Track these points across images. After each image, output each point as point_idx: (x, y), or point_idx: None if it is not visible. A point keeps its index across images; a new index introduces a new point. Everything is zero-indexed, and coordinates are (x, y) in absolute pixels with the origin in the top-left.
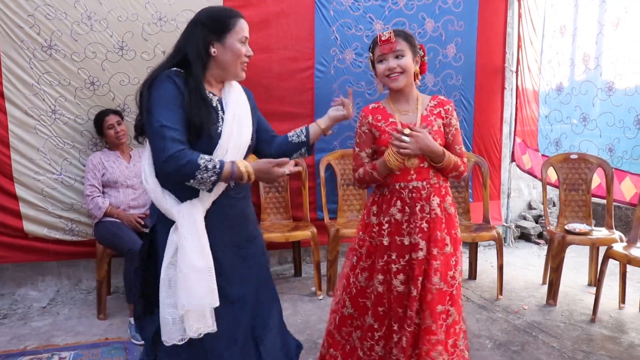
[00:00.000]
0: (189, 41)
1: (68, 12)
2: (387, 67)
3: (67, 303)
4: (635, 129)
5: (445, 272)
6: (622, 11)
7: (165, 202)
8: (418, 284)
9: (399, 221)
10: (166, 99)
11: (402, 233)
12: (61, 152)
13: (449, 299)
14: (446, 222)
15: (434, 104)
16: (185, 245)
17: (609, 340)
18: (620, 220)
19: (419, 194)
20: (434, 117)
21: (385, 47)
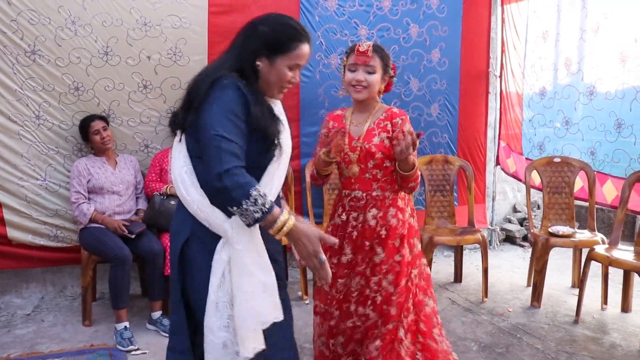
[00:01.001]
0: (245, 45)
1: (52, 17)
2: (355, 78)
3: (52, 310)
4: (615, 133)
5: (369, 278)
6: (602, 17)
7: (213, 217)
8: (337, 285)
9: (336, 225)
10: (229, 108)
11: (336, 237)
12: (45, 158)
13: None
14: (387, 232)
15: (383, 116)
16: (246, 263)
17: (591, 341)
18: (603, 222)
19: (357, 204)
20: (378, 131)
21: (360, 59)
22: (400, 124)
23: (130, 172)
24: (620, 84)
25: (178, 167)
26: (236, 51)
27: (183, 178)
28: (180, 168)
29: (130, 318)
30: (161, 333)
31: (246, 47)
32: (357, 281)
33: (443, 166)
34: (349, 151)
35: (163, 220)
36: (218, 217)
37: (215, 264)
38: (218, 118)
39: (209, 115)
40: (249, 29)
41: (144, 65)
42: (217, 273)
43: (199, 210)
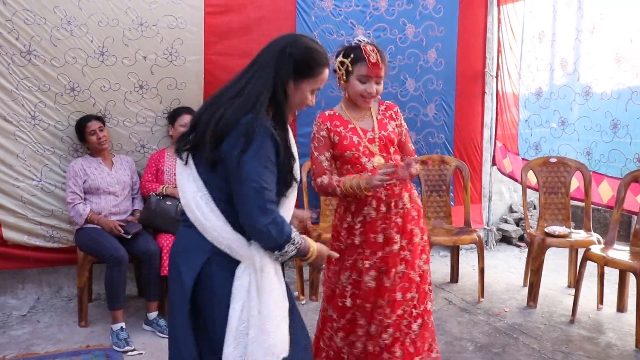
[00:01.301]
0: (277, 68)
1: (47, 17)
2: (369, 91)
3: (48, 311)
4: (611, 133)
5: (413, 262)
6: (598, 17)
7: (237, 242)
8: (391, 275)
9: (374, 219)
10: (268, 157)
11: (377, 230)
12: (41, 159)
13: (415, 286)
14: (417, 213)
15: (383, 108)
16: (274, 289)
17: (587, 340)
18: (599, 222)
19: (392, 191)
20: (387, 120)
21: (373, 71)
22: (399, 112)
23: (127, 172)
24: (615, 84)
25: (191, 192)
26: (267, 74)
27: (198, 204)
28: (194, 193)
29: (126, 319)
30: (157, 334)
31: (279, 71)
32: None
33: (439, 166)
34: (368, 143)
35: (159, 220)
36: (242, 242)
37: (236, 290)
38: (260, 170)
39: (252, 167)
40: (278, 51)
41: (140, 65)
42: (239, 299)
43: (220, 236)
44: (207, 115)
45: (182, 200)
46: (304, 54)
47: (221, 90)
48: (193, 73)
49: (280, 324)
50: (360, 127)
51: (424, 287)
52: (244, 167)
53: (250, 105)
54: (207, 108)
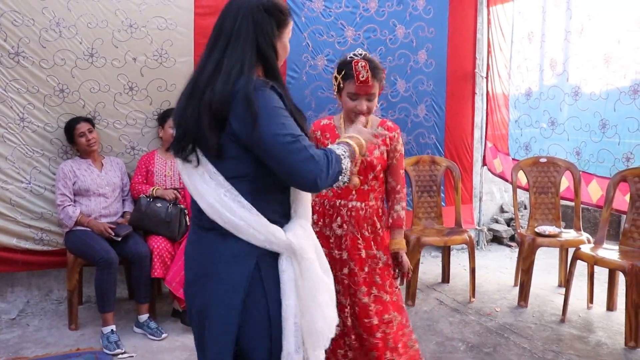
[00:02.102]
0: (260, 32)
1: (35, 19)
2: (358, 108)
3: (37, 314)
4: (600, 133)
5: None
6: (586, 18)
7: (276, 233)
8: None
9: (339, 236)
10: (280, 109)
11: (341, 248)
12: (30, 161)
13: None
14: (381, 240)
15: (381, 130)
16: (318, 272)
17: (577, 339)
18: (589, 221)
19: (357, 214)
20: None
21: (361, 89)
22: (397, 138)
23: (117, 174)
24: (604, 84)
25: (211, 193)
26: (245, 39)
27: (225, 203)
28: (215, 192)
29: (116, 321)
30: (148, 336)
31: (262, 31)
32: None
33: (430, 167)
34: None
35: (149, 222)
36: (279, 231)
37: (286, 285)
38: (280, 124)
39: (273, 127)
40: (251, 12)
41: (130, 67)
42: (291, 294)
43: (257, 232)
44: (194, 105)
45: (202, 205)
46: (274, 5)
47: (193, 78)
48: (183, 74)
49: (328, 305)
50: None
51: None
52: (266, 132)
53: (237, 72)
54: (188, 100)
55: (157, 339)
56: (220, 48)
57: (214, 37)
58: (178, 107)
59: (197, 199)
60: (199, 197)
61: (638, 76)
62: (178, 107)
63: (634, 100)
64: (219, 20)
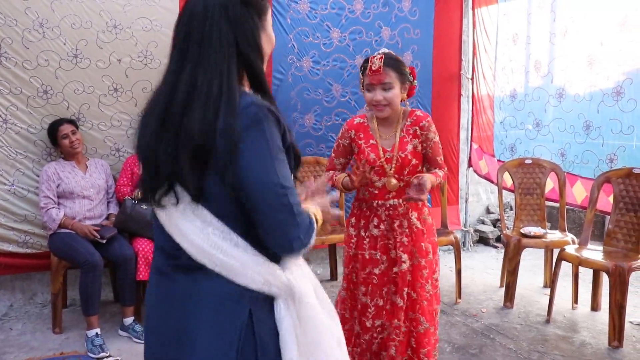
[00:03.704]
0: (240, 32)
1: (18, 19)
2: (375, 99)
3: (21, 318)
4: (584, 134)
5: (430, 277)
6: (570, 21)
7: (275, 274)
8: (404, 294)
9: (375, 237)
10: (277, 146)
11: (376, 247)
12: (13, 163)
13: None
14: (427, 232)
15: (409, 122)
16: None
17: (562, 340)
18: (574, 222)
19: (396, 211)
20: (409, 138)
21: (374, 78)
22: (427, 127)
23: (101, 176)
24: (588, 86)
25: (197, 233)
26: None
27: (216, 244)
28: (201, 233)
29: (101, 324)
30: (133, 339)
31: (245, 31)
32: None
33: None
34: (385, 163)
35: (135, 224)
36: (278, 270)
37: (286, 333)
38: (271, 167)
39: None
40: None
41: (115, 68)
42: (292, 345)
43: (255, 274)
44: (167, 138)
45: (184, 246)
46: None
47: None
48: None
49: (334, 349)
50: (382, 146)
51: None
52: (253, 177)
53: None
54: (159, 132)
55: (142, 342)
56: (192, 60)
57: (181, 47)
58: (143, 140)
59: (178, 239)
60: (181, 237)
61: (621, 78)
62: (143, 140)
63: (617, 102)
64: (183, 25)
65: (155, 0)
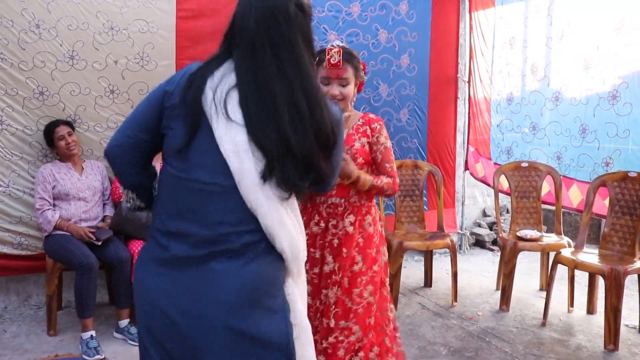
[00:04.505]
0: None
1: (15, 20)
2: (330, 93)
3: (16, 320)
4: (580, 138)
5: (351, 290)
6: (566, 25)
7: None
8: (321, 296)
9: (314, 234)
10: None
11: (316, 246)
12: (9, 164)
13: (353, 316)
14: (364, 240)
15: (361, 122)
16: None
17: (558, 343)
18: (570, 225)
19: (335, 210)
20: (358, 136)
21: (333, 72)
22: (379, 129)
23: (97, 178)
24: (584, 90)
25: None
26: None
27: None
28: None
29: (96, 327)
30: (128, 342)
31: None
32: (335, 292)
33: (412, 171)
34: None
35: (130, 227)
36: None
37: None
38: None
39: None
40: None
41: (111, 69)
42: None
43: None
44: (302, 131)
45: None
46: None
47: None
48: (165, 78)
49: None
50: None
51: (367, 320)
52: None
53: (318, 91)
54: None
55: (137, 345)
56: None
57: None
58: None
59: (278, 231)
60: (280, 226)
61: (617, 82)
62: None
63: (612, 105)
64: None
65: (152, 2)
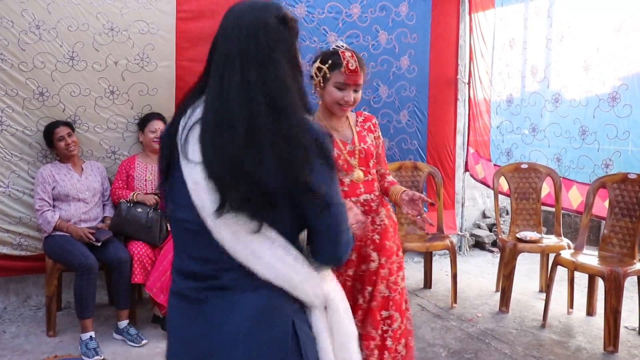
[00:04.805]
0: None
1: (15, 21)
2: (346, 99)
3: (15, 320)
4: (580, 140)
5: (388, 279)
6: (566, 26)
7: (320, 284)
8: (366, 294)
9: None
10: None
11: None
12: (8, 165)
13: (392, 304)
14: (393, 229)
15: (361, 119)
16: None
17: (557, 344)
18: (570, 227)
19: (369, 207)
20: (366, 132)
21: (351, 79)
22: (377, 124)
23: (97, 179)
24: (584, 91)
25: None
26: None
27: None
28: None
29: (96, 328)
30: (128, 342)
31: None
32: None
33: (412, 172)
34: (347, 156)
35: (130, 227)
36: (322, 283)
37: (323, 340)
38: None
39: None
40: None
41: (111, 70)
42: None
43: (308, 286)
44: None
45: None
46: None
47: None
48: (165, 79)
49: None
50: (339, 139)
51: (404, 305)
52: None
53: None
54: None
55: (137, 346)
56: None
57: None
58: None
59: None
60: (253, 258)
61: (617, 83)
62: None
63: (612, 107)
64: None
65: (152, 3)
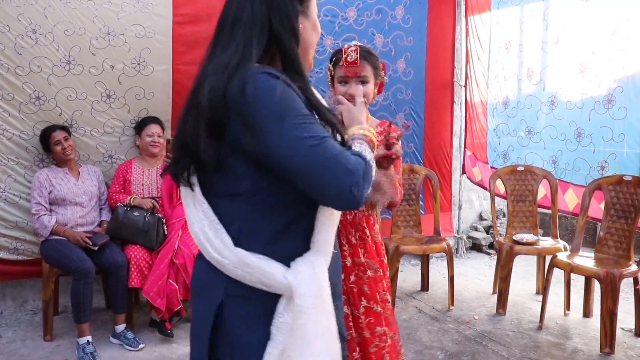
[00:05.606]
0: (275, 10)
1: (11, 25)
2: (349, 92)
3: (11, 325)
4: (575, 142)
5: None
6: (561, 29)
7: (271, 274)
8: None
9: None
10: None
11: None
12: (5, 169)
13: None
14: (370, 249)
15: (379, 129)
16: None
17: (554, 346)
18: (566, 229)
19: (344, 218)
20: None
21: (350, 71)
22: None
23: (94, 183)
24: (579, 94)
25: (197, 223)
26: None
27: (207, 236)
28: (200, 223)
29: (93, 332)
30: (125, 347)
31: (280, 10)
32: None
33: (409, 175)
34: None
35: (127, 231)
36: (275, 268)
37: (277, 330)
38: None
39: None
40: None
41: (108, 74)
42: (279, 342)
43: (245, 273)
44: (193, 115)
45: (190, 231)
46: None
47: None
48: (161, 83)
49: None
50: None
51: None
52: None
53: (235, 64)
54: (187, 112)
55: (134, 350)
56: (223, 42)
57: (217, 32)
58: (179, 124)
59: (190, 225)
60: (188, 223)
61: (612, 86)
62: (179, 124)
63: (608, 109)
64: (223, 12)
65: (148, 7)
